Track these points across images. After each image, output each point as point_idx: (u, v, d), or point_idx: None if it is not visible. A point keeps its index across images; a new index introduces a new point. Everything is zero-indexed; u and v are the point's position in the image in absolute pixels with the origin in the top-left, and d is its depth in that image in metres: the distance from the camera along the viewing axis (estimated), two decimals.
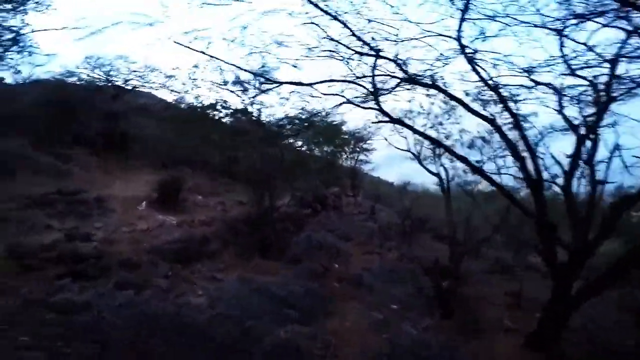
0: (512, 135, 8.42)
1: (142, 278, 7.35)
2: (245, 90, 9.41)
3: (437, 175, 9.95)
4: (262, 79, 7.86)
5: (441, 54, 7.31)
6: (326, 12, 6.28)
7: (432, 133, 10.32)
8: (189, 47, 6.27)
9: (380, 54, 7.08)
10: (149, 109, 15.78)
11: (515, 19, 6.61)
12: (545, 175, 7.79)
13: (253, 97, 9.29)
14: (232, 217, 10.78)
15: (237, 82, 9.03)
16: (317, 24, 7.17)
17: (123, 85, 14.71)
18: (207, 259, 8.87)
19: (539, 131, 8.19)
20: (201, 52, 6.56)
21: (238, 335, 6.58)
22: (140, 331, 5.79)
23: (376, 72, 7.45)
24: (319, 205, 12.85)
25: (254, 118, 10.87)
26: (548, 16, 6.39)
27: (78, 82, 14.15)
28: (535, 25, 6.68)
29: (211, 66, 9.15)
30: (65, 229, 8.53)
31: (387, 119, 7.18)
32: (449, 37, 7.05)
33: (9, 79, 11.21)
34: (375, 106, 6.96)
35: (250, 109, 10.91)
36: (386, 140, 10.41)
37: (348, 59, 7.47)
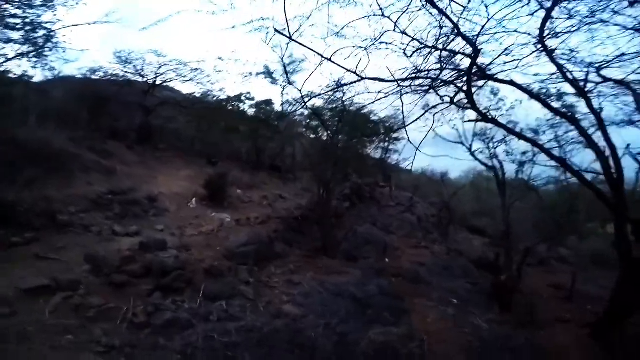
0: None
1: (227, 286, 6.68)
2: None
3: (493, 169, 9.46)
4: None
5: (507, 48, 6.75)
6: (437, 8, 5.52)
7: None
8: (295, 41, 5.38)
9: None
10: (179, 103, 14.53)
11: (594, 17, 6.12)
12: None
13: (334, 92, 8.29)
14: (285, 214, 10.09)
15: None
16: (388, 17, 6.46)
17: (153, 80, 13.35)
18: (276, 260, 8.24)
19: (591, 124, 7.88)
20: (304, 46, 5.67)
21: (337, 342, 6.15)
22: (256, 350, 5.24)
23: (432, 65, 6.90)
24: (356, 198, 12.30)
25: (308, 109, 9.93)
26: (625, 15, 5.96)
27: (108, 77, 12.76)
28: (615, 25, 6.20)
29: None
30: (131, 233, 7.70)
31: (480, 117, 6.57)
32: (527, 34, 6.51)
33: (38, 76, 9.90)
34: (469, 105, 6.36)
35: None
36: (434, 132, 9.61)
37: (414, 52, 6.81)
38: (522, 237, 10.56)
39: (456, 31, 5.69)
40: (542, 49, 6.55)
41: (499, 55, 6.68)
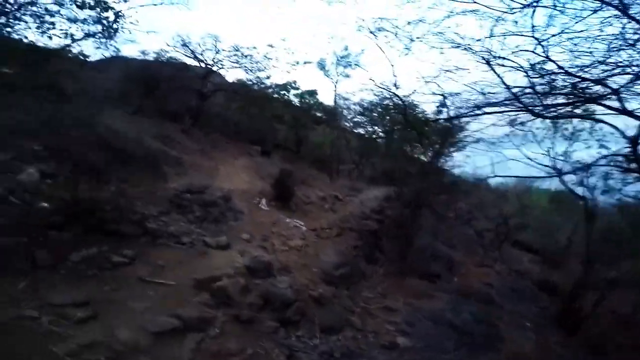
0: None
1: (336, 316, 6.03)
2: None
3: (583, 198, 8.80)
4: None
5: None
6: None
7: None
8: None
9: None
10: (233, 89, 13.15)
11: None
12: None
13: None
14: (356, 225, 9.28)
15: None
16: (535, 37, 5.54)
17: (210, 65, 11.88)
18: (364, 281, 7.60)
19: None
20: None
21: None
22: None
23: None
24: (415, 205, 11.56)
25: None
26: None
27: (165, 60, 11.27)
28: None
29: None
30: (222, 245, 6.79)
31: None
32: None
33: (96, 55, 8.47)
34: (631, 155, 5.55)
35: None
36: (520, 151, 8.75)
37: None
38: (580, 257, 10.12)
39: None
40: None
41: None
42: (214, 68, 11.88)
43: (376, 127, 14.32)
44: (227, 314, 4.92)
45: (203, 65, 11.75)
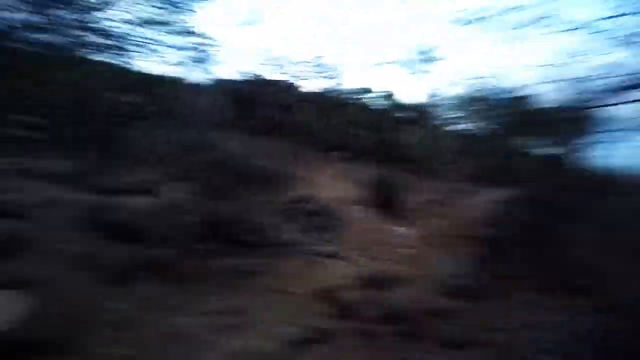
0: None
1: (460, 331, 5.47)
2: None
3: None
4: None
5: None
6: None
7: None
8: None
9: None
10: (315, 99, 13.61)
11: None
12: None
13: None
14: (471, 232, 8.44)
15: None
16: None
17: (292, 78, 12.61)
18: (487, 294, 6.78)
19: None
20: None
21: None
22: None
23: None
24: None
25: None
26: None
27: (252, 77, 12.33)
28: None
29: None
30: (331, 254, 6.89)
31: None
32: None
33: (193, 78, 9.48)
34: None
35: None
36: None
37: None
38: None
39: None
40: None
41: None
42: (295, 80, 12.46)
43: (478, 122, 13.05)
44: (348, 325, 4.89)
45: (285, 78, 12.45)
